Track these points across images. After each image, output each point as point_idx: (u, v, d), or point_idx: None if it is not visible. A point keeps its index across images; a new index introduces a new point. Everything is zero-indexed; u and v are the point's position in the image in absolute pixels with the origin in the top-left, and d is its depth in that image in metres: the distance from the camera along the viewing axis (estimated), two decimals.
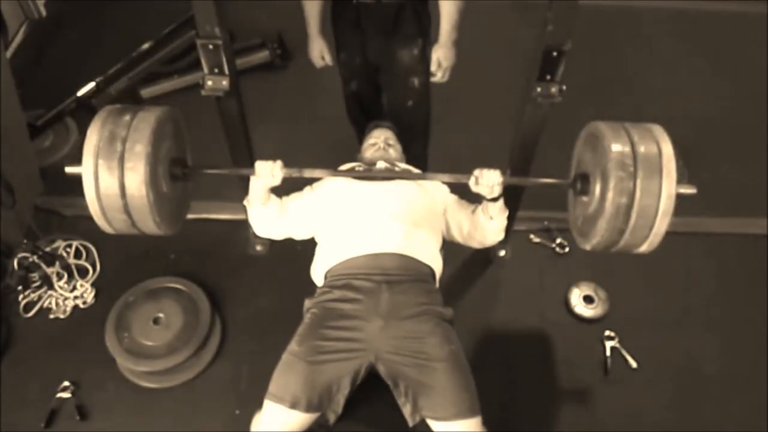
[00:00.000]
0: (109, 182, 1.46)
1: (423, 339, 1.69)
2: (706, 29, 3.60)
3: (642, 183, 1.44)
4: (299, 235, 1.99)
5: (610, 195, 1.47)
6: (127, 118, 1.52)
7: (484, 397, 1.66)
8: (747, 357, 2.20)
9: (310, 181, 1.96)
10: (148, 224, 1.57)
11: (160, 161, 1.56)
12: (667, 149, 1.48)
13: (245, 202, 1.90)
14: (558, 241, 2.47)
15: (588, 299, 2.28)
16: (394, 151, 2.13)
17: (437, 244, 1.91)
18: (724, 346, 2.23)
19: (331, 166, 2.01)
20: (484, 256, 2.45)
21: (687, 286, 2.40)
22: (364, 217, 1.84)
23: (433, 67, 2.22)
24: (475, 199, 1.87)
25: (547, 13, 1.59)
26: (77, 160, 1.47)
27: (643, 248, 1.56)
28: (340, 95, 2.50)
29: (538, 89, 1.74)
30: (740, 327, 2.28)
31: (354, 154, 2.20)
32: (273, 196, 1.88)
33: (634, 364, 2.14)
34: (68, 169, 1.51)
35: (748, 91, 3.22)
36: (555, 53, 1.66)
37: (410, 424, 1.71)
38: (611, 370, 2.14)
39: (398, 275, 1.76)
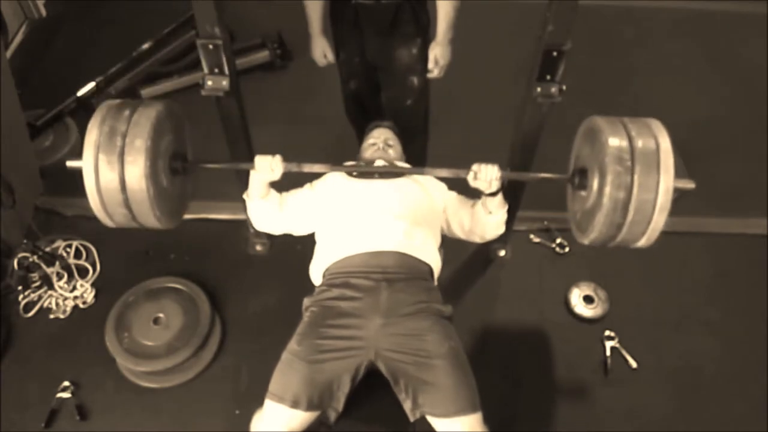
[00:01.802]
0: (109, 177, 1.47)
1: (422, 336, 1.69)
2: (706, 29, 3.60)
3: (639, 177, 1.45)
4: (298, 231, 2.00)
5: (607, 189, 1.48)
6: (127, 113, 1.52)
7: (484, 397, 1.66)
8: (747, 357, 2.20)
9: (310, 177, 1.96)
10: (149, 219, 1.58)
11: (160, 155, 1.56)
12: (665, 143, 1.49)
13: (245, 196, 1.92)
14: (558, 241, 2.47)
15: (588, 299, 2.28)
16: (394, 151, 2.12)
17: (436, 242, 1.91)
18: (724, 346, 2.23)
19: (331, 164, 2.01)
20: (484, 256, 2.45)
21: (687, 286, 2.40)
22: (363, 216, 1.84)
23: (430, 65, 2.22)
24: (474, 194, 1.87)
25: (547, 13, 1.59)
26: (78, 155, 1.48)
27: (642, 243, 1.56)
28: (340, 95, 2.50)
29: (538, 89, 1.74)
30: (740, 327, 2.28)
31: (354, 153, 2.20)
32: (273, 191, 1.90)
33: (634, 364, 2.14)
34: (69, 164, 1.52)
35: (748, 91, 3.22)
36: (555, 53, 1.66)
37: (411, 419, 1.71)
38: (611, 370, 2.14)
39: (397, 273, 1.76)
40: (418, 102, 2.38)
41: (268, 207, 1.91)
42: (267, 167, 1.74)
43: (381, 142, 2.12)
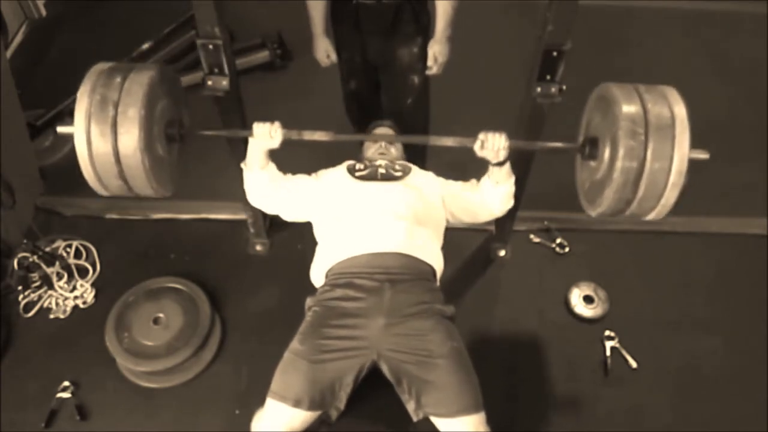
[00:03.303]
0: (102, 148, 1.42)
1: (425, 336, 1.69)
2: (706, 29, 3.60)
3: (653, 149, 1.39)
4: (288, 215, 1.97)
5: (619, 162, 1.42)
6: (118, 79, 1.46)
7: (484, 397, 1.66)
8: (747, 357, 2.20)
9: (312, 161, 1.96)
10: (145, 189, 1.54)
11: (154, 124, 1.51)
12: (681, 112, 1.43)
13: (242, 165, 1.88)
14: (558, 241, 2.47)
15: (588, 299, 2.28)
16: (395, 150, 2.12)
17: (438, 243, 1.91)
18: (724, 346, 2.23)
19: (331, 166, 2.02)
20: (484, 256, 2.45)
21: (687, 286, 2.40)
22: (366, 217, 1.84)
23: (429, 62, 2.23)
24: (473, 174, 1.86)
25: (547, 13, 1.59)
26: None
27: (651, 216, 1.51)
28: (340, 95, 2.50)
29: (538, 89, 1.74)
30: (740, 327, 2.28)
31: (354, 153, 2.20)
32: (272, 163, 1.87)
33: (634, 364, 2.14)
34: (60, 129, 1.47)
35: (748, 91, 3.22)
36: (555, 53, 1.66)
37: (414, 420, 1.72)
38: (611, 370, 2.13)
39: (400, 274, 1.76)
40: (419, 101, 2.38)
41: (266, 179, 1.87)
42: (266, 134, 1.71)
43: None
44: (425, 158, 2.54)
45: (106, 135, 1.41)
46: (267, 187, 1.89)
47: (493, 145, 1.71)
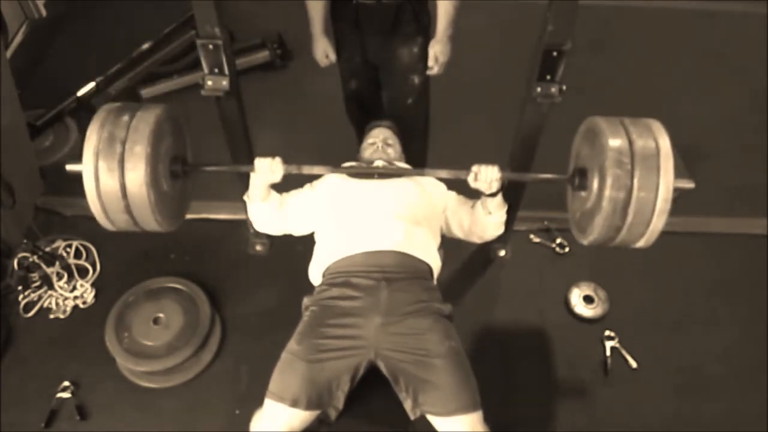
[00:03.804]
0: (110, 184, 1.48)
1: (422, 335, 1.69)
2: (706, 29, 3.60)
3: (639, 178, 1.45)
4: (298, 232, 2.00)
5: (607, 192, 1.48)
6: (126, 118, 1.52)
7: (483, 397, 1.66)
8: (747, 357, 2.20)
9: (310, 178, 1.96)
10: (150, 223, 1.59)
11: (160, 160, 1.57)
12: (665, 144, 1.49)
13: (245, 197, 1.92)
14: (558, 241, 2.47)
15: (588, 299, 2.28)
16: (393, 151, 2.13)
17: (436, 242, 1.92)
18: (725, 345, 2.23)
19: (331, 165, 2.02)
20: (484, 256, 2.45)
21: (687, 286, 2.40)
22: (363, 215, 1.84)
23: (430, 62, 2.23)
24: (474, 194, 1.87)
25: (547, 13, 1.60)
26: (77, 157, 1.49)
27: (641, 244, 1.57)
28: (340, 95, 2.51)
29: (538, 89, 1.74)
30: (740, 327, 2.28)
31: (354, 153, 2.20)
32: (273, 192, 1.90)
33: (634, 364, 2.15)
34: (69, 167, 1.52)
35: (749, 91, 3.22)
36: (555, 53, 1.66)
37: (411, 418, 1.72)
38: (611, 370, 2.14)
39: (397, 273, 1.76)
40: (419, 101, 2.38)
41: (269, 208, 1.92)
42: (267, 169, 1.75)
43: (380, 142, 2.12)
44: (425, 162, 2.54)
45: (113, 171, 1.47)
46: (270, 216, 1.94)
47: (486, 176, 1.73)
